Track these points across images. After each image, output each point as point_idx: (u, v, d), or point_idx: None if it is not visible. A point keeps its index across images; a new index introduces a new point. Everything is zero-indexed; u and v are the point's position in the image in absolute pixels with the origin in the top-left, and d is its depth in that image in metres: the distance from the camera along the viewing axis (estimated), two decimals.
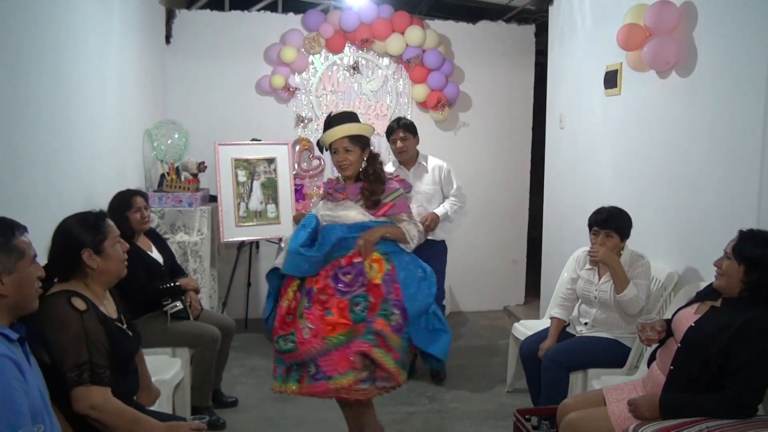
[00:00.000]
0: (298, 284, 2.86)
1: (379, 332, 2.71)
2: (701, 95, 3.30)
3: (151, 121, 4.70)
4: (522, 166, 6.06)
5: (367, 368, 2.72)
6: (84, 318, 2.05)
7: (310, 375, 2.74)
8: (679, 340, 2.50)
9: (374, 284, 2.77)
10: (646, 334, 2.62)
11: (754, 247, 2.39)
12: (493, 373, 4.43)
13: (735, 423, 2.28)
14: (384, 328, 2.71)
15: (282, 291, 2.89)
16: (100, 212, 2.30)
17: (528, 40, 5.95)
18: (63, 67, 3.05)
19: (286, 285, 2.89)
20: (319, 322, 2.72)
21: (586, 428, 2.53)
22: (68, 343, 2.01)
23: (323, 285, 2.80)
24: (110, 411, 2.03)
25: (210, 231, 4.57)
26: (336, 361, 2.70)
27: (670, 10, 3.38)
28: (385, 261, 2.84)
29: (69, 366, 2.00)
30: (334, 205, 2.98)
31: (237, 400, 3.84)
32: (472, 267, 5.94)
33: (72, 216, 2.26)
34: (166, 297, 3.44)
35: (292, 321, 2.79)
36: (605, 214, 3.32)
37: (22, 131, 2.60)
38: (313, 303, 2.76)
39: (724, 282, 2.45)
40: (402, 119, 4.33)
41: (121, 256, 2.27)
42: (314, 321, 2.72)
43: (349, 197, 2.97)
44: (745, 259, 2.38)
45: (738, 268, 2.40)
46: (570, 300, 3.54)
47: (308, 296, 2.79)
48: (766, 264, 2.36)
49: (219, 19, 5.49)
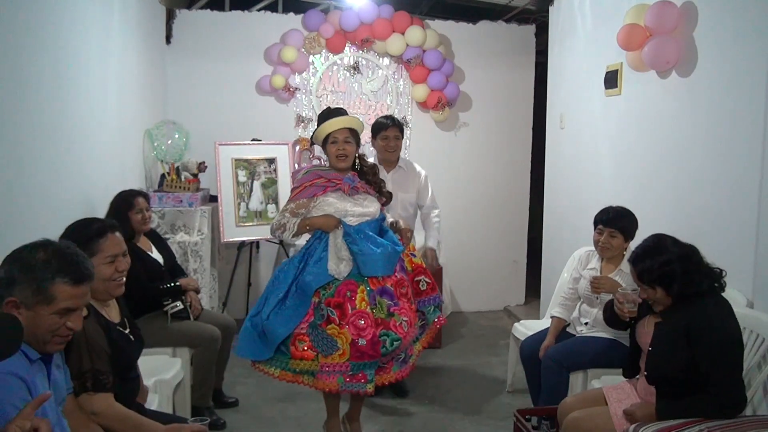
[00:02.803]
0: (363, 288, 2.92)
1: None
2: (701, 95, 3.30)
3: (152, 121, 4.71)
4: (522, 166, 6.06)
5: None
6: (85, 325, 2.02)
7: (399, 361, 2.99)
8: (644, 358, 2.54)
9: (423, 267, 3.19)
10: (627, 307, 2.64)
11: (653, 265, 2.39)
12: (493, 373, 4.43)
13: (735, 423, 2.29)
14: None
15: (339, 299, 2.90)
16: (106, 225, 2.26)
17: (528, 40, 5.95)
18: (63, 67, 3.05)
19: (341, 291, 2.90)
20: (410, 313, 2.98)
21: (589, 427, 2.54)
22: (70, 351, 1.99)
23: (397, 280, 2.99)
24: (112, 417, 2.04)
25: (210, 231, 4.57)
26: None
27: (670, 10, 3.38)
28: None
29: (72, 374, 1.99)
30: (356, 200, 3.05)
31: (237, 400, 3.84)
32: (472, 267, 5.94)
33: (78, 222, 2.23)
34: (166, 297, 3.44)
35: (373, 323, 2.86)
36: (612, 213, 3.31)
37: (22, 131, 2.59)
38: (398, 298, 2.95)
39: (661, 307, 2.48)
40: (395, 117, 4.13)
41: (110, 275, 2.19)
42: (407, 313, 2.96)
43: (369, 192, 3.10)
44: (656, 280, 2.40)
45: (659, 291, 2.42)
46: (571, 299, 3.54)
47: (386, 295, 2.93)
48: (674, 272, 2.37)
49: (219, 19, 5.49)
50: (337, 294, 2.90)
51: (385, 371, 2.97)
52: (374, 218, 3.06)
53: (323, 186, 3.04)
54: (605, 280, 3.24)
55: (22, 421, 1.50)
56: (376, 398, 3.79)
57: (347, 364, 2.85)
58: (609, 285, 3.22)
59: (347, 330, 2.84)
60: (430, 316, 3.14)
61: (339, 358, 2.84)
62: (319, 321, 2.89)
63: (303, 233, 3.09)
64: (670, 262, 2.39)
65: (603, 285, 3.23)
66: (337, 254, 2.95)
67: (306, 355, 2.89)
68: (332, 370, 2.86)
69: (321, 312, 2.90)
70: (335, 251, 2.96)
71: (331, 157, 3.08)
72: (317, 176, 3.08)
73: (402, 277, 3.03)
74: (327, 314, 2.88)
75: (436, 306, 3.16)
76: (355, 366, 2.85)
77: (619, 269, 3.31)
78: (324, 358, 2.87)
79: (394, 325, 2.88)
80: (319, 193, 3.04)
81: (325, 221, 3.01)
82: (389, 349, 2.85)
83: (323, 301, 2.90)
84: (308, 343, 2.89)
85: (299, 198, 3.06)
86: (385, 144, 3.98)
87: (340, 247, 2.95)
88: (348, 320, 2.85)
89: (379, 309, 2.89)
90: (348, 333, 2.83)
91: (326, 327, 2.87)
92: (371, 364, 2.87)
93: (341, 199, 3.02)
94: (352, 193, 3.03)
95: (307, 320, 2.92)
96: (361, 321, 2.84)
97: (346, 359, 2.84)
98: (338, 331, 2.85)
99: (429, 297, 3.15)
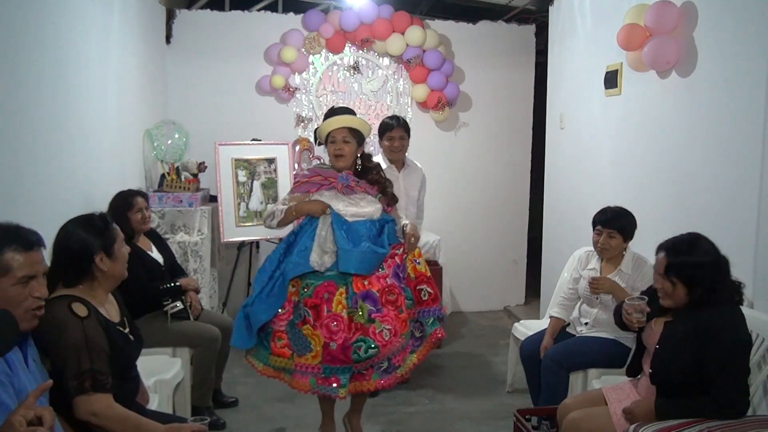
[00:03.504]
0: (344, 291, 2.87)
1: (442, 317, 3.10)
2: (701, 95, 3.30)
3: (152, 121, 4.71)
4: (522, 166, 6.06)
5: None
6: (85, 324, 2.03)
7: (381, 370, 2.90)
8: (650, 360, 2.51)
9: (427, 276, 3.08)
10: (635, 317, 2.61)
11: (686, 262, 2.34)
12: (493, 373, 4.43)
13: (735, 423, 2.29)
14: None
15: (316, 300, 2.86)
16: (103, 214, 2.28)
17: (528, 40, 5.95)
18: (63, 67, 3.05)
19: (319, 292, 2.87)
20: (396, 321, 2.87)
21: (588, 427, 2.54)
22: (69, 351, 1.99)
23: (386, 286, 2.89)
24: (112, 417, 2.02)
25: (210, 231, 4.57)
26: (405, 351, 2.97)
27: (670, 10, 3.38)
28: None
29: (71, 374, 1.99)
30: (351, 199, 3.01)
31: (237, 400, 3.84)
32: (472, 267, 5.94)
33: (75, 220, 2.23)
34: (166, 297, 3.44)
35: (347, 328, 2.81)
36: (610, 214, 3.31)
37: (22, 132, 2.60)
38: (383, 305, 2.86)
39: (670, 302, 2.44)
40: (401, 117, 4.20)
41: (126, 257, 2.27)
42: (391, 321, 2.86)
43: (369, 192, 3.05)
44: (682, 277, 2.36)
45: (679, 288, 2.38)
46: (571, 300, 3.54)
47: (370, 300, 2.85)
48: (704, 276, 2.34)
49: (219, 19, 5.49)
50: (315, 295, 2.87)
51: (364, 378, 2.91)
52: (371, 219, 3.01)
53: (318, 184, 3.04)
54: (604, 281, 3.24)
55: (25, 411, 1.53)
56: (375, 398, 3.80)
57: (319, 366, 2.83)
58: (608, 286, 3.22)
59: (320, 332, 2.82)
60: (428, 328, 3.03)
61: (312, 360, 2.83)
62: (297, 320, 2.89)
63: (290, 220, 3.06)
64: (702, 266, 2.35)
65: (602, 286, 3.22)
66: (322, 246, 2.93)
67: (283, 352, 2.90)
68: (305, 370, 2.86)
69: (299, 311, 2.90)
70: (320, 242, 2.94)
71: (330, 156, 3.09)
72: (315, 174, 3.09)
73: (393, 283, 2.92)
74: (303, 314, 2.87)
75: (435, 318, 3.06)
76: (326, 369, 2.83)
77: (619, 269, 3.31)
78: (298, 357, 2.87)
79: (374, 332, 2.82)
80: (312, 190, 3.04)
81: (311, 206, 2.99)
82: (362, 356, 2.79)
83: (301, 301, 2.90)
84: (285, 341, 2.91)
85: (294, 193, 3.10)
86: (390, 144, 4.04)
87: (325, 238, 2.93)
88: (322, 322, 2.83)
89: (359, 314, 2.85)
90: (321, 335, 2.82)
91: (302, 327, 2.87)
92: (344, 369, 2.83)
93: (334, 198, 3.00)
94: (346, 192, 3.01)
95: (287, 318, 2.92)
96: (334, 324, 2.81)
97: (318, 361, 2.83)
98: (312, 332, 2.84)
99: (430, 308, 3.06)
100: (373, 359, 2.84)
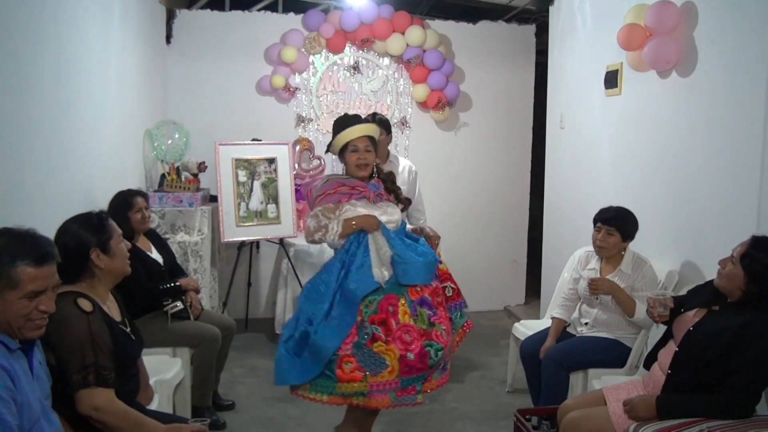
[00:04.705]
0: (404, 301, 2.84)
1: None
2: (701, 95, 3.30)
3: (152, 121, 4.71)
4: (522, 166, 6.07)
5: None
6: (90, 319, 2.05)
7: (440, 368, 2.93)
8: (677, 343, 2.50)
9: (449, 273, 3.13)
10: (658, 311, 2.61)
11: (762, 259, 2.34)
12: (493, 373, 4.43)
13: (735, 423, 2.29)
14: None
15: (382, 315, 2.80)
16: (102, 212, 2.30)
17: (528, 40, 5.95)
18: (63, 67, 3.05)
19: (383, 306, 2.80)
20: (446, 321, 2.93)
21: (587, 427, 2.54)
22: (74, 344, 2.00)
23: (433, 289, 2.94)
24: (113, 413, 2.03)
25: (210, 231, 4.57)
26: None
27: (670, 10, 3.38)
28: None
29: (74, 368, 2.00)
30: (380, 208, 2.96)
31: (234, 403, 3.82)
32: (472, 267, 5.92)
33: (73, 219, 2.25)
34: (166, 297, 3.44)
35: (418, 336, 2.79)
36: (611, 213, 3.31)
37: (22, 132, 2.59)
38: (436, 307, 2.91)
39: (724, 283, 2.44)
40: (378, 114, 4.08)
41: (125, 253, 2.28)
42: (445, 322, 2.91)
43: (390, 200, 3.04)
44: (750, 270, 2.36)
45: (741, 276, 2.37)
46: (571, 300, 3.54)
47: (426, 305, 2.88)
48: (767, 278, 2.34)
49: (219, 19, 5.49)
50: (379, 310, 2.80)
51: (428, 381, 2.91)
52: (398, 226, 2.98)
53: (347, 194, 2.94)
54: (602, 282, 3.24)
55: None
56: None
57: (397, 381, 2.76)
58: (606, 286, 3.22)
59: (395, 346, 2.76)
60: (457, 321, 3.08)
61: (388, 375, 2.75)
62: (364, 340, 2.79)
63: (349, 233, 2.88)
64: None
65: (600, 287, 3.22)
66: (381, 260, 2.85)
67: (354, 376, 2.76)
68: (383, 388, 2.77)
69: (365, 330, 2.80)
70: (378, 257, 2.85)
71: (350, 165, 2.98)
72: (340, 184, 2.96)
73: (437, 285, 2.97)
74: (372, 332, 2.78)
75: (461, 311, 3.12)
76: (405, 381, 2.78)
77: (619, 270, 3.31)
78: (373, 377, 2.76)
79: (436, 334, 2.83)
80: (343, 200, 2.93)
81: (366, 221, 2.88)
82: (435, 359, 2.80)
83: (366, 320, 2.81)
84: (355, 364, 2.77)
85: (324, 203, 2.93)
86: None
87: (382, 253, 2.85)
88: (394, 335, 2.77)
89: (420, 320, 2.83)
90: (396, 349, 2.75)
91: (372, 345, 2.77)
92: (420, 376, 2.81)
93: (367, 207, 2.92)
94: (376, 201, 2.95)
95: (351, 340, 2.80)
96: (407, 335, 2.77)
97: (395, 375, 2.75)
98: (386, 347, 2.76)
99: (455, 303, 3.10)
100: (440, 360, 2.86)
